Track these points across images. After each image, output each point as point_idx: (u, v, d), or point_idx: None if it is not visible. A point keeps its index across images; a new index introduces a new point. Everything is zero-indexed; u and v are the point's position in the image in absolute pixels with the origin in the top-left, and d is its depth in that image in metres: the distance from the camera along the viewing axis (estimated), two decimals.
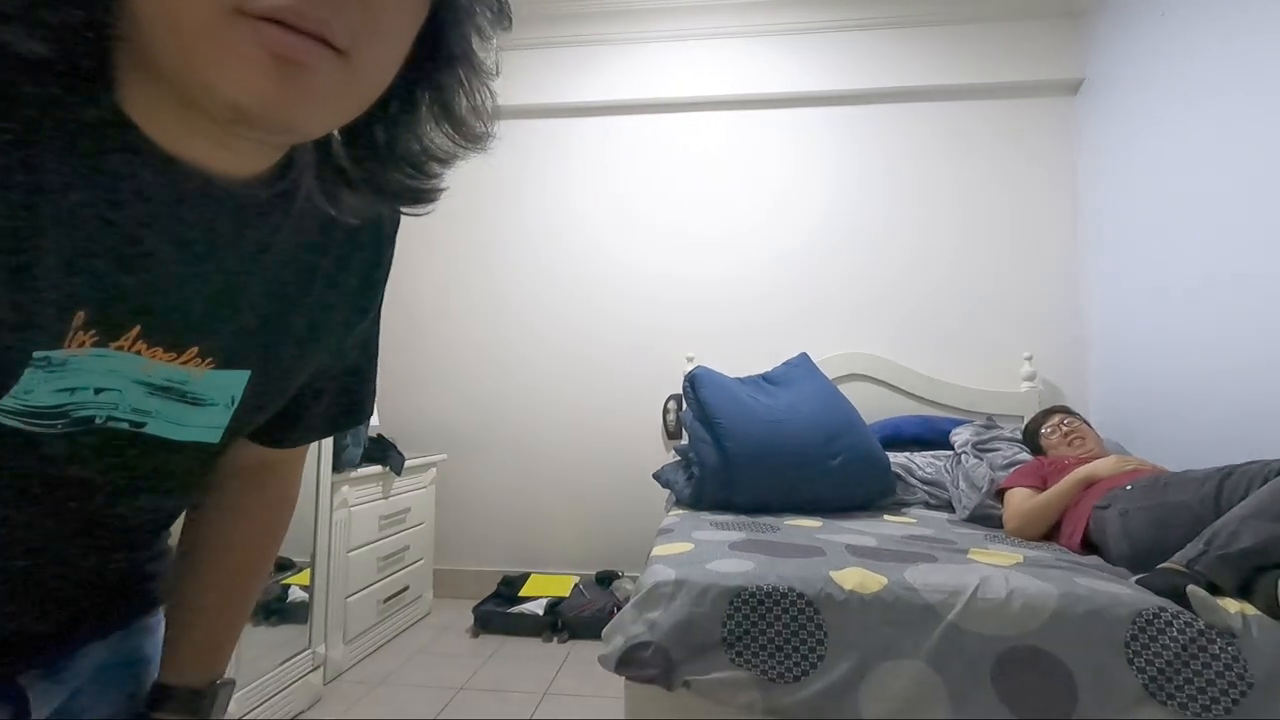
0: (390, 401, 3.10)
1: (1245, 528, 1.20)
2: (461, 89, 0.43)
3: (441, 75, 0.42)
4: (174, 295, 0.40)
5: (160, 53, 0.32)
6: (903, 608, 1.20)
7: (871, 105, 3.03)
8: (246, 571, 0.61)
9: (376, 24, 0.34)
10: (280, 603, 1.92)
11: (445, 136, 0.44)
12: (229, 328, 0.44)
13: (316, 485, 1.99)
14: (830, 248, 3.01)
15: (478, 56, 0.42)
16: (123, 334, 0.39)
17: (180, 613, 0.58)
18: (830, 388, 2.41)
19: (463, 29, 0.41)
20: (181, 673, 0.56)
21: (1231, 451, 1.92)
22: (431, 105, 0.43)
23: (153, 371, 0.42)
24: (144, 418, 0.43)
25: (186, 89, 0.33)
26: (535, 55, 3.16)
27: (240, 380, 0.47)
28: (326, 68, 0.32)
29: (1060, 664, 1.13)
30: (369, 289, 0.55)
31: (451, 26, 0.40)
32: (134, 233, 0.37)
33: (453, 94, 0.42)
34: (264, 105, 0.32)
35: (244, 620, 0.62)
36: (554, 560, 3.01)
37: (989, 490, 2.06)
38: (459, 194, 3.03)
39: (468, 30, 0.41)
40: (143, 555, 0.56)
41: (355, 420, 0.62)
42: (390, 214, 0.54)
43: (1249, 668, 1.08)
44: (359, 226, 0.50)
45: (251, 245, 0.43)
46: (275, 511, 0.63)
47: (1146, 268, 2.46)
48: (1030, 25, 2.93)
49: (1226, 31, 2.08)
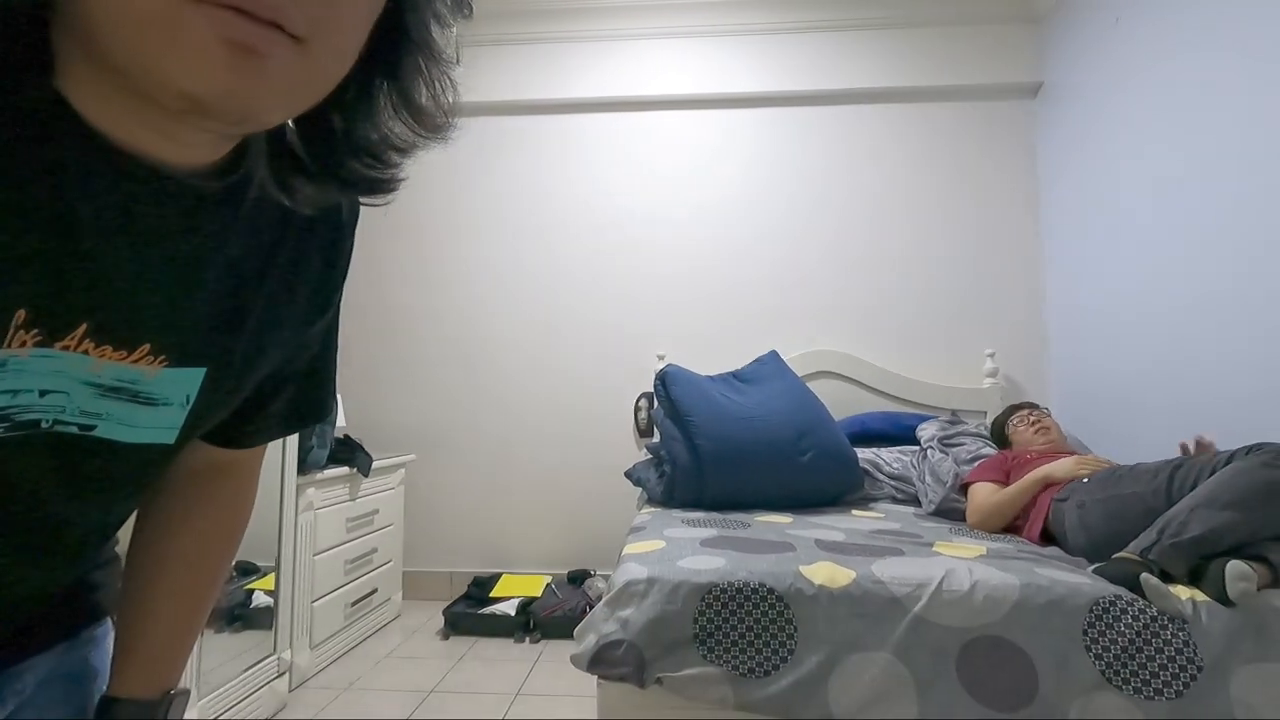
0: (357, 401, 3.04)
1: (1195, 517, 1.25)
2: (421, 77, 0.42)
3: (400, 62, 0.41)
4: (123, 291, 0.39)
5: (108, 38, 0.31)
6: (870, 601, 1.22)
7: (837, 106, 3.07)
8: (202, 579, 0.59)
9: (334, 10, 0.33)
10: (243, 608, 1.87)
11: (405, 125, 0.43)
12: (182, 324, 0.43)
13: (281, 488, 1.95)
14: (798, 246, 3.04)
15: (437, 44, 0.42)
16: (68, 333, 0.37)
17: (132, 622, 0.55)
18: (800, 385, 2.44)
19: (421, 15, 0.40)
20: (133, 684, 0.54)
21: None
22: (390, 93, 0.42)
23: (102, 371, 0.40)
24: (94, 420, 0.42)
25: (136, 76, 0.32)
26: (506, 51, 3.13)
27: (195, 378, 0.45)
28: (283, 55, 0.31)
29: (1021, 652, 1.16)
30: (328, 283, 0.54)
31: (410, 12, 0.40)
32: (78, 226, 0.35)
33: (411, 82, 0.42)
34: (219, 94, 0.31)
35: (199, 629, 0.60)
36: (525, 560, 2.99)
37: (953, 484, 2.10)
38: (427, 190, 2.98)
39: (426, 16, 0.40)
40: (89, 564, 0.54)
41: (314, 419, 0.61)
42: (349, 205, 0.53)
43: (1199, 651, 1.13)
44: (316, 219, 0.49)
45: (204, 238, 0.42)
46: (231, 516, 0.61)
47: (1102, 266, 2.54)
48: (991, 29, 3.00)
49: (1177, 39, 2.15)
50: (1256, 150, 1.84)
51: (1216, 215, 1.99)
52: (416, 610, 2.78)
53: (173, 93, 0.31)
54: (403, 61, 0.41)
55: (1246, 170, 1.88)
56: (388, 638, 2.50)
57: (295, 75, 0.33)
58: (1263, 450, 1.27)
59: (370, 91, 0.41)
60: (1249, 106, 1.87)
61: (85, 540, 0.51)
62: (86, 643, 0.56)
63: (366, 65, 0.39)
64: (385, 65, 0.41)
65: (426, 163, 0.45)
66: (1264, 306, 1.82)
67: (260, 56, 0.31)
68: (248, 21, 0.30)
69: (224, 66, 0.30)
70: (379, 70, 0.41)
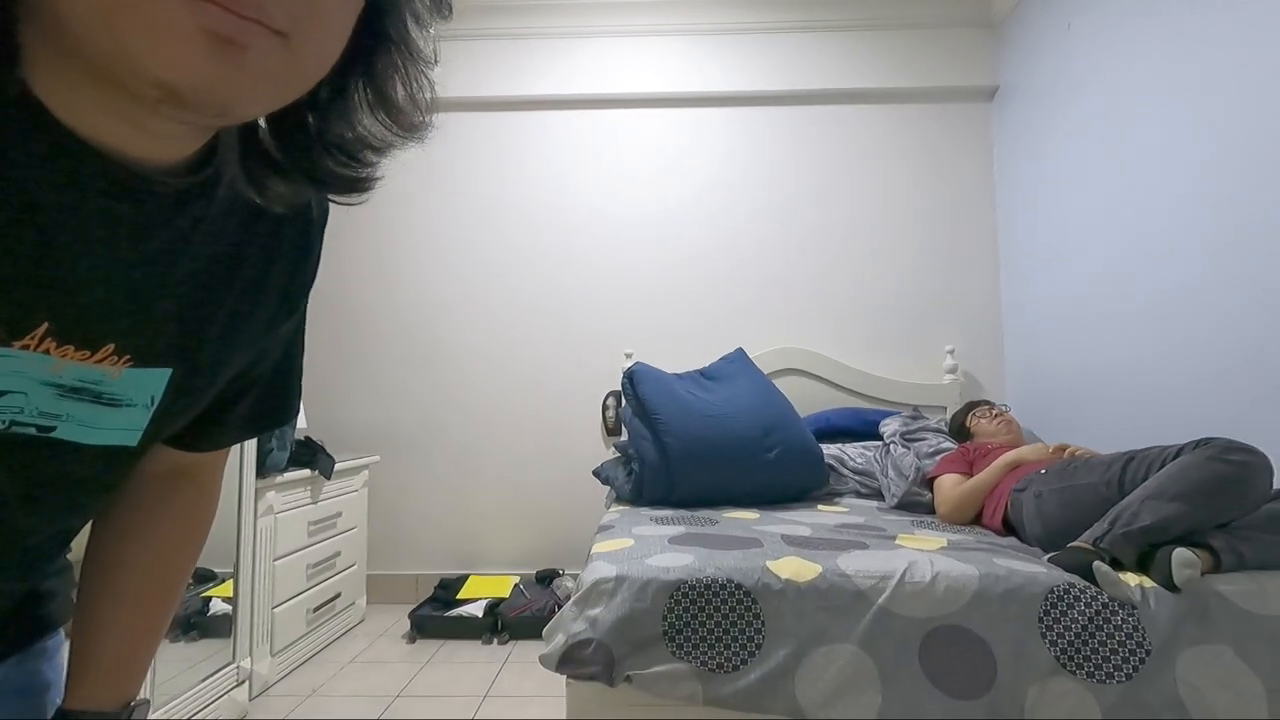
0: (319, 402, 2.98)
1: (1145, 508, 1.30)
2: (398, 75, 0.41)
3: (377, 60, 0.40)
4: (86, 290, 0.37)
5: (81, 26, 0.30)
6: (836, 594, 1.24)
7: (799, 106, 3.11)
8: (162, 587, 0.57)
9: (316, 7, 0.33)
10: (201, 616, 1.82)
11: (380, 124, 0.42)
12: (148, 323, 0.42)
13: (239, 491, 1.90)
14: (763, 245, 3.07)
15: (415, 43, 0.41)
16: (28, 332, 0.36)
17: (88, 632, 0.54)
18: (766, 382, 2.46)
19: (399, 13, 0.40)
20: (91, 696, 0.52)
21: (1133, 437, 2.07)
22: (366, 91, 0.41)
23: (63, 372, 0.39)
24: (53, 421, 0.40)
25: (110, 66, 0.31)
26: (472, 47, 3.09)
27: (161, 379, 0.44)
28: (263, 48, 0.31)
29: (981, 641, 1.19)
30: (297, 283, 0.53)
31: (388, 11, 0.39)
32: (41, 222, 0.34)
33: (388, 80, 0.41)
34: (197, 84, 0.30)
35: (159, 639, 0.58)
36: (493, 561, 2.97)
37: (916, 478, 2.15)
38: (392, 189, 2.93)
39: (404, 15, 0.40)
40: (42, 573, 0.52)
41: (278, 421, 0.59)
42: (319, 205, 0.52)
43: (1147, 635, 1.17)
44: (286, 218, 0.48)
45: (171, 236, 0.41)
46: (193, 520, 0.60)
47: (1054, 264, 2.62)
48: (950, 33, 3.07)
49: (1127, 43, 2.23)
50: (1204, 152, 1.92)
51: (1165, 215, 2.07)
52: (381, 614, 2.74)
53: (149, 81, 0.30)
54: (379, 60, 0.40)
55: (1194, 171, 1.95)
56: (352, 643, 2.46)
57: (275, 69, 0.33)
58: (1210, 445, 1.33)
59: (346, 88, 0.41)
60: (1197, 109, 1.94)
61: (40, 548, 0.49)
62: (38, 655, 0.54)
63: (343, 63, 0.39)
64: (362, 63, 0.40)
65: (392, 160, 0.44)
66: (1211, 303, 1.90)
67: (240, 48, 0.30)
68: (228, 14, 0.29)
69: (204, 56, 0.30)
70: (355, 68, 0.40)
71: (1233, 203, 1.81)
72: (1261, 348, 1.73)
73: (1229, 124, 1.82)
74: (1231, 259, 1.82)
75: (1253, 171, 1.75)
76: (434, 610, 2.55)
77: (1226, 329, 1.83)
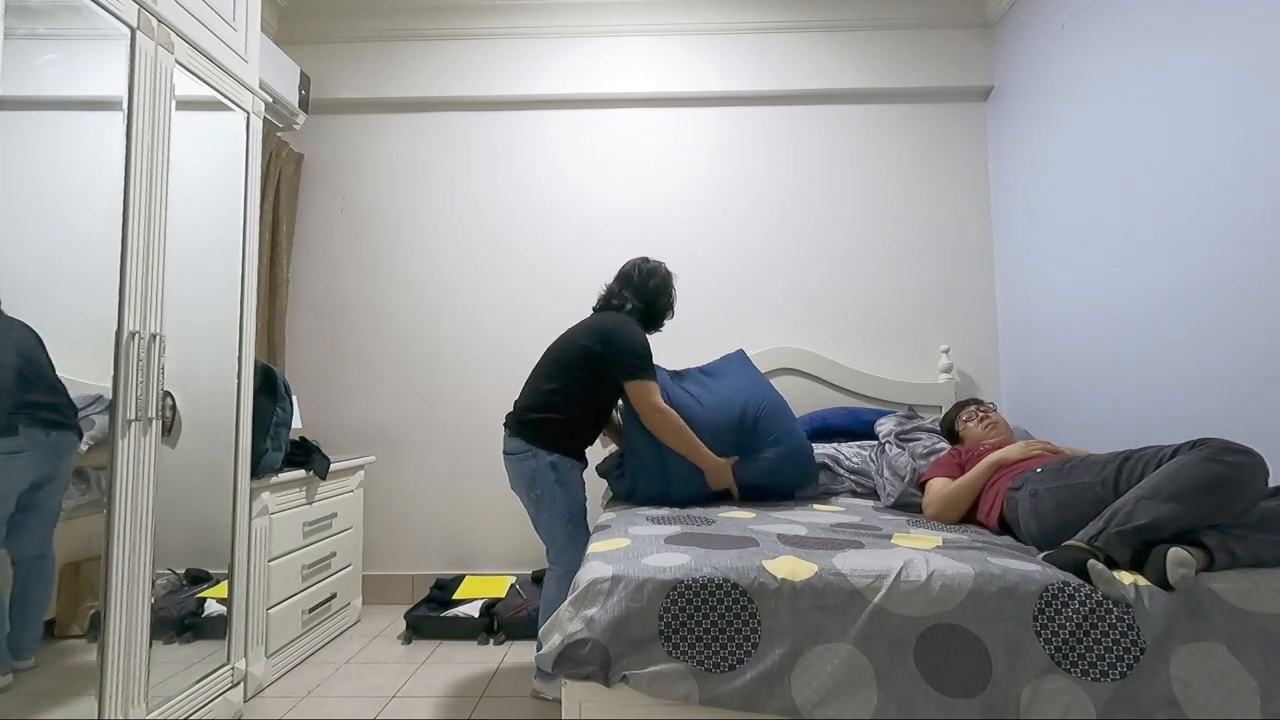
0: (314, 402, 2.97)
1: (1140, 508, 1.30)
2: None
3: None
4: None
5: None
6: (832, 593, 1.24)
7: (795, 106, 3.11)
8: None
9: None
10: (196, 617, 1.81)
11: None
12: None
13: (234, 492, 1.89)
14: (758, 246, 3.08)
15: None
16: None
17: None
18: (763, 382, 2.46)
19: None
20: None
21: (1127, 436, 2.08)
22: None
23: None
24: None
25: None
26: (464, 46, 3.09)
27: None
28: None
29: (976, 639, 1.19)
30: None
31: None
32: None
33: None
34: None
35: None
36: (489, 561, 2.96)
37: (911, 479, 2.15)
38: (384, 189, 2.91)
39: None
40: None
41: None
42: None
43: (1141, 634, 1.17)
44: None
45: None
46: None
47: (1050, 265, 2.63)
48: (944, 34, 3.08)
49: (1119, 44, 2.24)
50: (1197, 151, 1.93)
51: (1158, 214, 2.07)
52: (377, 615, 2.73)
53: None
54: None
55: (1188, 171, 1.96)
56: (347, 644, 2.45)
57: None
58: (1206, 445, 1.33)
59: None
60: (1189, 109, 1.95)
61: None
62: None
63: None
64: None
65: (384, 160, 0.44)
66: (1204, 303, 1.90)
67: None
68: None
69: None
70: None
71: (1225, 202, 1.82)
72: (1255, 347, 1.74)
73: (1221, 123, 1.83)
74: (1224, 258, 1.83)
75: (1244, 170, 1.76)
76: (430, 611, 2.55)
77: (1220, 328, 1.84)
